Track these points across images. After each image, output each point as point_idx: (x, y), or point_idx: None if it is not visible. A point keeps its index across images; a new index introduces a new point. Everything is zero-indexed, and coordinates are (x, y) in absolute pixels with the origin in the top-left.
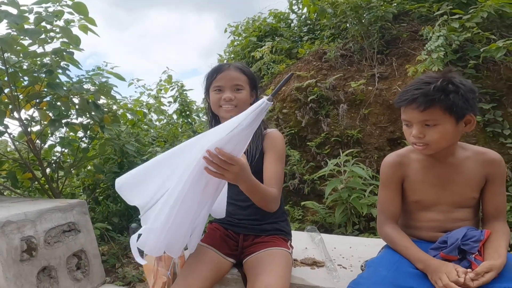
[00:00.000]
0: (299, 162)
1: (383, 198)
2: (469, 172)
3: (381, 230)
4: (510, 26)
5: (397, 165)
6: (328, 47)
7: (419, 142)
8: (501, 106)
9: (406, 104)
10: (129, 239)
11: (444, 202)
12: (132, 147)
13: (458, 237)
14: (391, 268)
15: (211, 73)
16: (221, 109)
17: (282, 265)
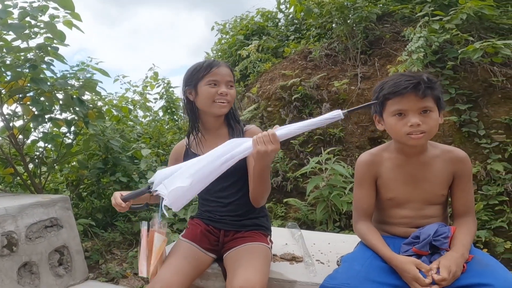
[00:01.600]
0: (282, 160)
1: (357, 196)
2: (438, 170)
3: (355, 226)
4: (489, 28)
5: (370, 164)
6: (314, 47)
7: (416, 130)
8: (477, 107)
9: (407, 91)
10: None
11: (415, 199)
12: (117, 143)
13: (430, 233)
14: (364, 263)
15: (204, 67)
16: (214, 104)
17: (261, 260)
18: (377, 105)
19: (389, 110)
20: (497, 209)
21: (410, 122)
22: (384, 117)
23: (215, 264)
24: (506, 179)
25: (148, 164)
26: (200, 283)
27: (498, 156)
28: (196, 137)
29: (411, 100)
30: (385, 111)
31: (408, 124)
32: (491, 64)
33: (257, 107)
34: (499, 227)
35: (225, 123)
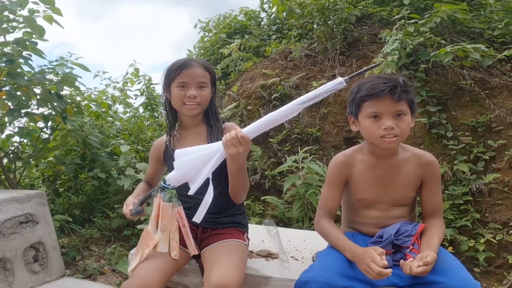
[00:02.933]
0: (261, 158)
1: (325, 194)
2: (407, 173)
3: (318, 223)
4: (461, 31)
5: (343, 165)
6: (294, 47)
7: (390, 133)
8: (446, 109)
9: (383, 94)
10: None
11: (384, 200)
12: (95, 139)
13: (392, 233)
14: (337, 257)
15: (175, 68)
16: (184, 106)
17: (238, 256)
18: (353, 106)
19: (365, 112)
20: (462, 208)
21: (384, 125)
22: (360, 118)
23: (193, 261)
24: (471, 180)
25: (127, 160)
26: (177, 279)
27: (464, 157)
28: (175, 134)
29: (386, 103)
30: (360, 113)
31: (382, 127)
32: (461, 67)
33: (237, 106)
34: (463, 225)
35: (204, 121)
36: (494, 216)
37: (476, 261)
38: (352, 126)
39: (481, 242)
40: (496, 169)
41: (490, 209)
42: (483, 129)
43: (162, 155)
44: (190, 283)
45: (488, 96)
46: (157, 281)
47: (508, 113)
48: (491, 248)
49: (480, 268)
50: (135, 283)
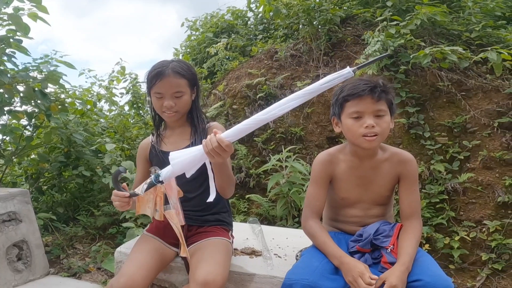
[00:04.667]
0: (245, 157)
1: (311, 193)
2: (385, 173)
3: (305, 223)
4: (440, 33)
5: (327, 163)
6: (280, 47)
7: (371, 132)
8: (424, 110)
9: (364, 94)
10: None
11: (365, 200)
12: (80, 137)
13: (371, 233)
14: (322, 260)
15: (150, 77)
16: (163, 114)
17: (222, 254)
18: (335, 107)
19: (347, 111)
20: (438, 206)
21: (365, 124)
22: (342, 118)
23: (179, 258)
24: (446, 179)
25: (112, 158)
26: (163, 276)
27: (441, 157)
28: (161, 134)
29: (367, 102)
30: (343, 113)
31: (364, 126)
32: (439, 69)
33: (223, 105)
34: (439, 223)
35: (188, 121)
36: (468, 214)
37: (452, 258)
38: (335, 127)
39: (456, 239)
40: (470, 168)
41: (464, 207)
42: (459, 129)
43: (148, 155)
44: (176, 280)
45: (464, 98)
46: (143, 279)
47: (483, 114)
48: (465, 246)
49: (455, 265)
50: (121, 280)
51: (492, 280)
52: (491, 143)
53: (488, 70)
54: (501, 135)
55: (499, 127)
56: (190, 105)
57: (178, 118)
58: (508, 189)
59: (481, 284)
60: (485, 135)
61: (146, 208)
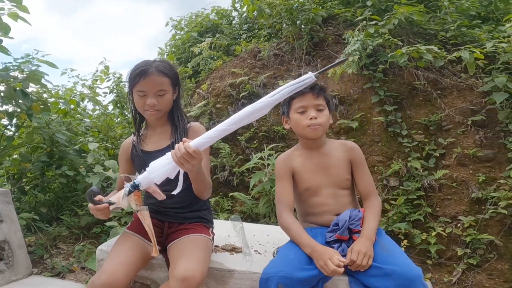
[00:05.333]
0: (229, 155)
1: (280, 189)
2: (338, 157)
3: (280, 217)
4: (417, 33)
5: (286, 160)
6: (263, 46)
7: (315, 123)
8: (402, 108)
9: (307, 91)
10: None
11: (327, 185)
12: (63, 136)
13: (346, 219)
14: (297, 252)
15: (133, 76)
16: (145, 112)
17: (202, 250)
18: (284, 107)
19: (293, 108)
20: (416, 203)
21: (310, 116)
22: (290, 115)
23: (160, 255)
24: (423, 176)
25: (95, 158)
26: (145, 273)
27: (417, 154)
28: (142, 134)
29: (309, 98)
30: (291, 110)
31: (308, 118)
32: (416, 68)
33: (206, 104)
34: (417, 219)
35: (169, 120)
36: (444, 210)
37: (429, 254)
38: (285, 125)
39: (433, 235)
40: (445, 165)
41: (440, 203)
42: (435, 127)
43: (129, 154)
44: (158, 277)
45: (439, 96)
46: (124, 276)
47: (457, 112)
48: (442, 241)
49: (432, 260)
50: (102, 277)
51: (468, 275)
52: (465, 140)
53: (462, 69)
54: (475, 132)
55: (472, 125)
56: (172, 104)
57: (159, 117)
58: (481, 185)
59: (458, 279)
60: (459, 132)
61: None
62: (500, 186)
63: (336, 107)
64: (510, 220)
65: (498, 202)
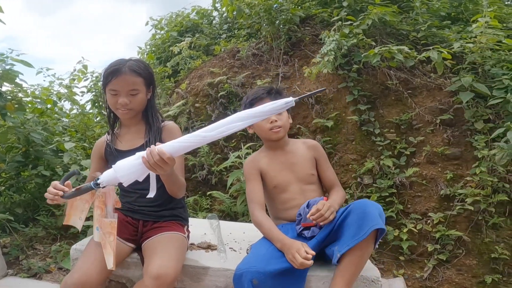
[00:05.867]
0: (207, 154)
1: (250, 189)
2: (302, 154)
3: (253, 215)
4: (390, 33)
5: (253, 162)
6: (242, 46)
7: (276, 126)
8: (375, 108)
9: (264, 96)
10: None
11: (294, 181)
12: (38, 136)
13: (304, 206)
14: (269, 247)
15: (106, 74)
16: (117, 111)
17: (176, 248)
18: None
19: None
20: (388, 200)
21: (270, 120)
22: None
23: (135, 254)
24: (395, 174)
25: (72, 157)
26: (120, 272)
27: (389, 152)
28: (116, 132)
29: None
30: None
31: (269, 122)
32: (389, 68)
33: (185, 103)
34: (389, 216)
35: (143, 119)
36: (415, 207)
37: (401, 250)
38: (249, 129)
39: (404, 231)
40: (415, 163)
41: (411, 200)
42: (405, 126)
43: (103, 153)
44: (133, 275)
45: (410, 96)
46: (97, 274)
47: (426, 111)
48: (413, 237)
49: (404, 257)
50: (75, 276)
51: (438, 271)
52: (434, 139)
53: (432, 69)
54: (443, 131)
55: (441, 123)
56: (146, 103)
57: (132, 116)
58: (449, 182)
59: (429, 274)
60: (429, 131)
61: (77, 219)
62: (467, 183)
63: (312, 106)
64: (477, 216)
65: (465, 199)
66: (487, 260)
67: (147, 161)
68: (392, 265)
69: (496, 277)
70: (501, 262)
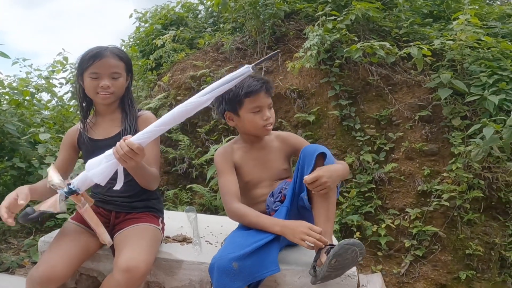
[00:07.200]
0: (188, 147)
1: (224, 182)
2: (276, 150)
3: (231, 208)
4: (373, 29)
5: (226, 153)
6: (226, 40)
7: (268, 123)
8: (356, 103)
9: (261, 91)
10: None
11: (266, 178)
12: (13, 127)
13: (269, 197)
14: (244, 235)
15: (87, 58)
16: (98, 95)
17: (148, 240)
18: (233, 103)
19: (248, 107)
20: (367, 195)
21: (265, 116)
22: (242, 113)
23: (106, 246)
24: (374, 169)
25: (48, 149)
26: (91, 265)
27: (369, 148)
28: (89, 122)
29: (262, 97)
30: (242, 109)
31: (263, 118)
32: (370, 64)
33: (167, 96)
34: (368, 212)
35: (119, 108)
36: (393, 202)
37: (379, 246)
38: (230, 121)
39: (383, 227)
40: (394, 159)
41: (389, 196)
42: (385, 122)
43: (76, 141)
44: (104, 269)
45: (390, 92)
46: (65, 268)
47: (406, 108)
48: (391, 233)
49: (382, 252)
50: (40, 269)
51: (415, 266)
52: (413, 135)
53: (412, 66)
54: (421, 127)
55: (419, 120)
56: (124, 90)
57: (111, 102)
58: (426, 178)
59: (406, 270)
60: (408, 127)
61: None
62: (443, 179)
63: (294, 101)
64: (452, 212)
65: (442, 195)
66: (461, 256)
67: (117, 152)
68: (371, 261)
69: (470, 273)
70: (475, 258)
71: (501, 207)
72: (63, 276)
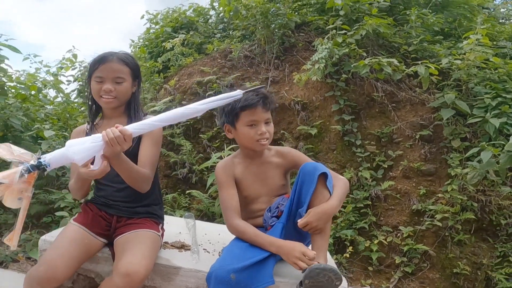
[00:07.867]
0: (190, 152)
1: (225, 196)
2: (275, 166)
3: (232, 224)
4: (382, 45)
5: (226, 167)
6: (235, 47)
7: (264, 138)
8: (358, 118)
9: (258, 105)
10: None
11: (264, 194)
12: (17, 121)
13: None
14: (242, 247)
15: (93, 62)
16: (101, 99)
17: (148, 246)
18: (229, 116)
19: (243, 120)
20: (363, 211)
21: (260, 131)
22: (238, 126)
23: (106, 249)
24: (371, 186)
25: (51, 145)
26: (89, 266)
27: (368, 164)
28: (96, 124)
29: (259, 112)
30: (238, 121)
31: (258, 133)
32: (376, 80)
33: (172, 99)
34: (362, 227)
35: (125, 112)
36: (387, 220)
37: (371, 260)
38: (228, 134)
39: (375, 243)
40: (392, 177)
41: (384, 213)
42: (386, 139)
43: None
44: (102, 271)
45: (394, 109)
46: (65, 268)
47: (407, 126)
48: (383, 249)
49: (373, 267)
50: (41, 269)
51: (403, 282)
52: (412, 154)
53: (418, 84)
54: (421, 147)
55: (420, 139)
56: (130, 95)
57: (115, 106)
58: (421, 197)
59: (394, 286)
60: (408, 146)
61: (15, 200)
62: (438, 200)
63: (298, 113)
64: (444, 232)
65: (435, 215)
66: (449, 274)
67: (107, 134)
68: (361, 275)
69: None
70: (461, 277)
71: (492, 229)
72: (63, 277)
